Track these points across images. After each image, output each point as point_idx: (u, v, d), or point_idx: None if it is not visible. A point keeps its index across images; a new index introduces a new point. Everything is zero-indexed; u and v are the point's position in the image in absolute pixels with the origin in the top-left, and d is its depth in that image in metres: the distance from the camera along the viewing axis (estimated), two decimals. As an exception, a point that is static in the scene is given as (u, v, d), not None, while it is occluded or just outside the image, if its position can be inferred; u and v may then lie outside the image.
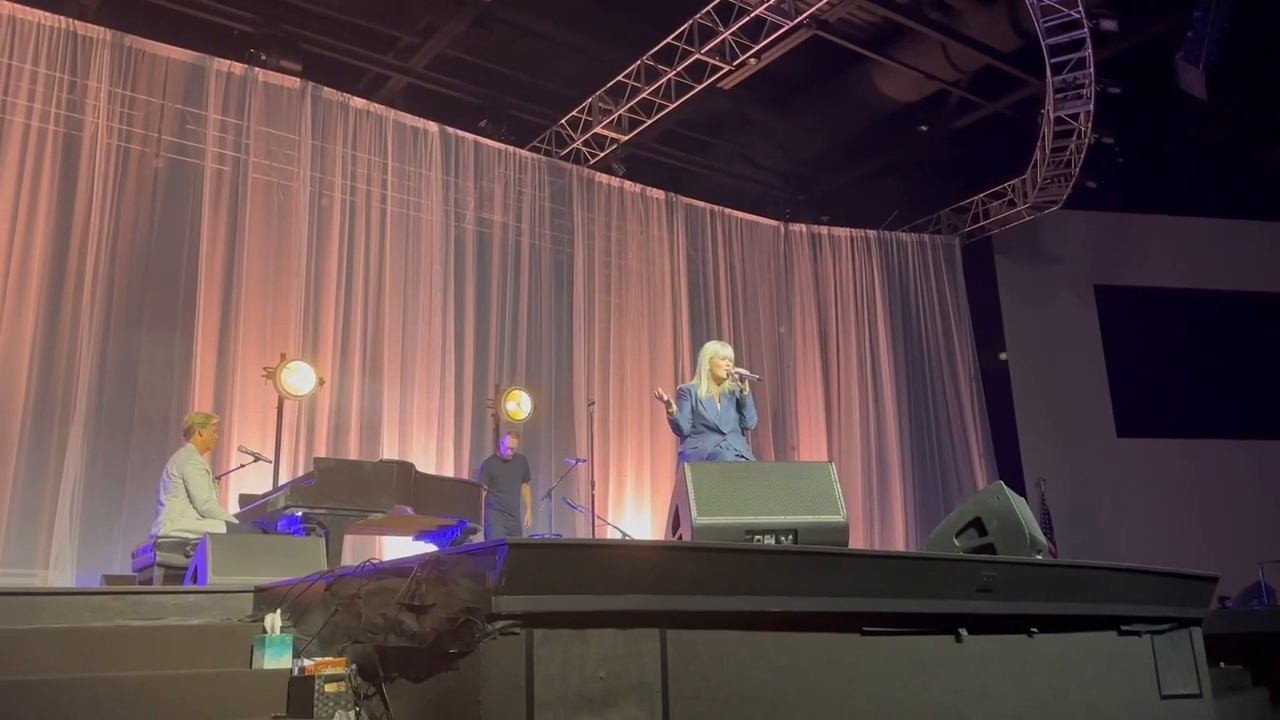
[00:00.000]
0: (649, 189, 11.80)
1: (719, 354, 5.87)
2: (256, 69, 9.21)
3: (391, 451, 9.10)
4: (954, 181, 13.02)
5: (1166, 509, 12.38)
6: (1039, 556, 4.43)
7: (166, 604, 3.94)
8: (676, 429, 5.84)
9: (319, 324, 9.15)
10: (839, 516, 4.36)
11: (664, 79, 9.99)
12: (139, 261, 8.52)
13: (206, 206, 8.75)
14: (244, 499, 7.05)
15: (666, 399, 5.79)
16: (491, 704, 2.82)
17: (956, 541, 4.53)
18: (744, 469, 5.05)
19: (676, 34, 9.66)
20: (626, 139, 10.82)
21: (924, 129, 12.22)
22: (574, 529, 9.64)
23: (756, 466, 5.67)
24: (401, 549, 8.01)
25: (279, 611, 3.72)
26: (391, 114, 10.01)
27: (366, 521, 6.31)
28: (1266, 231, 13.72)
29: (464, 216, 10.34)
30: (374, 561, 3.57)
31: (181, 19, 9.26)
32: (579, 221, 11.09)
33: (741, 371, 5.83)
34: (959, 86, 11.28)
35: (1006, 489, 4.56)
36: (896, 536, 11.85)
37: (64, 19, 8.33)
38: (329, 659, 3.35)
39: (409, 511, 6.38)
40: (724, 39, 9.47)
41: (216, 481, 6.78)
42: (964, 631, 3.78)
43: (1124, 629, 4.38)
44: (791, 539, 4.23)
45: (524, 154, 10.91)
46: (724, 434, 5.72)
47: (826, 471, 4.52)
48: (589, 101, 10.62)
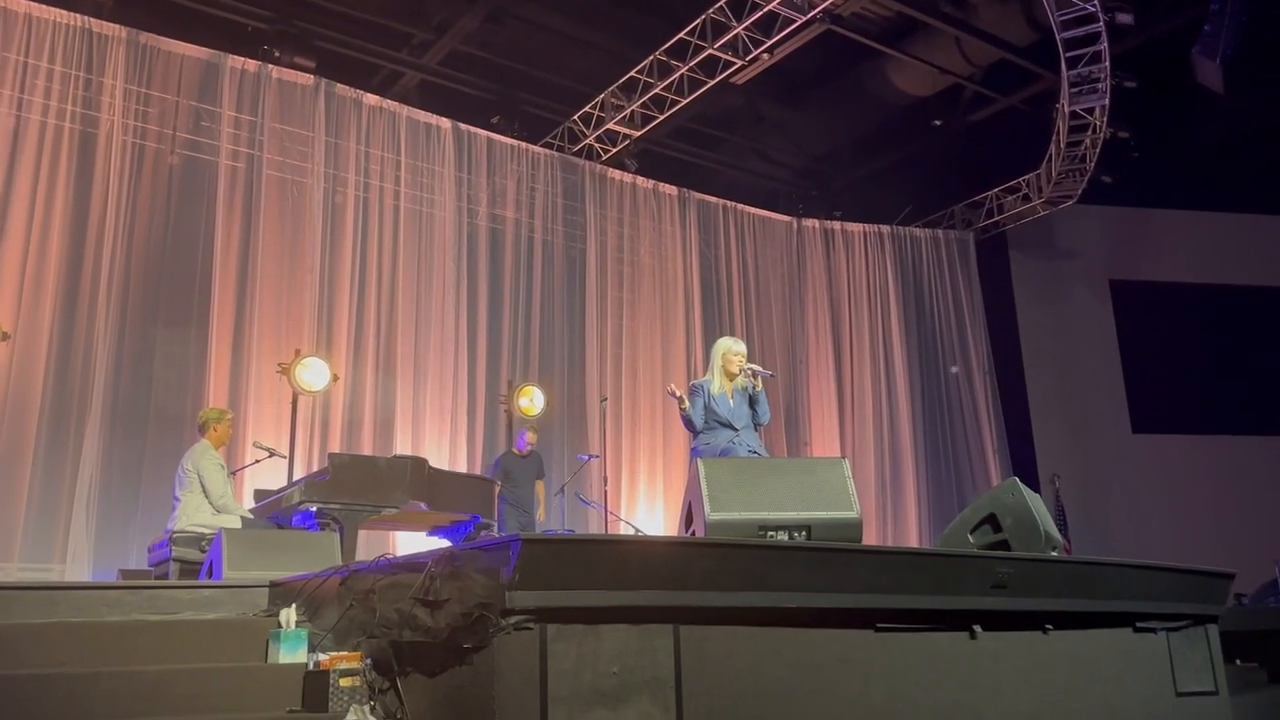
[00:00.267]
0: (661, 185, 11.79)
1: (731, 350, 5.86)
2: (270, 66, 9.24)
3: (405, 447, 9.13)
4: (968, 176, 12.96)
5: (1182, 505, 12.31)
6: (1054, 553, 4.41)
7: (182, 598, 3.97)
8: (689, 425, 5.83)
9: (333, 320, 9.18)
10: (853, 512, 4.35)
11: (676, 74, 9.97)
12: (154, 258, 8.57)
13: (221, 203, 8.79)
14: (259, 494, 7.09)
15: (679, 395, 5.79)
16: (505, 699, 2.83)
17: (971, 538, 4.51)
18: (757, 465, 5.04)
19: (689, 29, 9.64)
20: (639, 134, 10.81)
21: (938, 123, 12.17)
22: (586, 525, 9.66)
23: (770, 462, 5.65)
24: (415, 544, 8.04)
25: (294, 606, 3.74)
26: (405, 110, 10.03)
27: (380, 517, 6.33)
28: (1283, 226, 13.63)
29: (477, 212, 10.35)
30: (388, 557, 3.59)
31: (196, 16, 9.30)
32: (591, 217, 11.09)
33: (754, 367, 5.82)
34: (973, 81, 11.22)
35: (1021, 485, 4.54)
36: (909, 533, 11.82)
37: (80, 17, 8.37)
38: (344, 653, 3.36)
39: (423, 507, 6.40)
40: (737, 34, 9.45)
41: (232, 477, 6.82)
42: (978, 628, 3.77)
43: (1139, 626, 4.35)
44: (805, 535, 4.22)
45: (536, 150, 10.92)
46: (737, 430, 5.72)
47: (840, 467, 4.51)
48: (601, 97, 10.62)
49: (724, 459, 5.35)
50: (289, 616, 3.67)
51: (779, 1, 9.06)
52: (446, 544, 6.85)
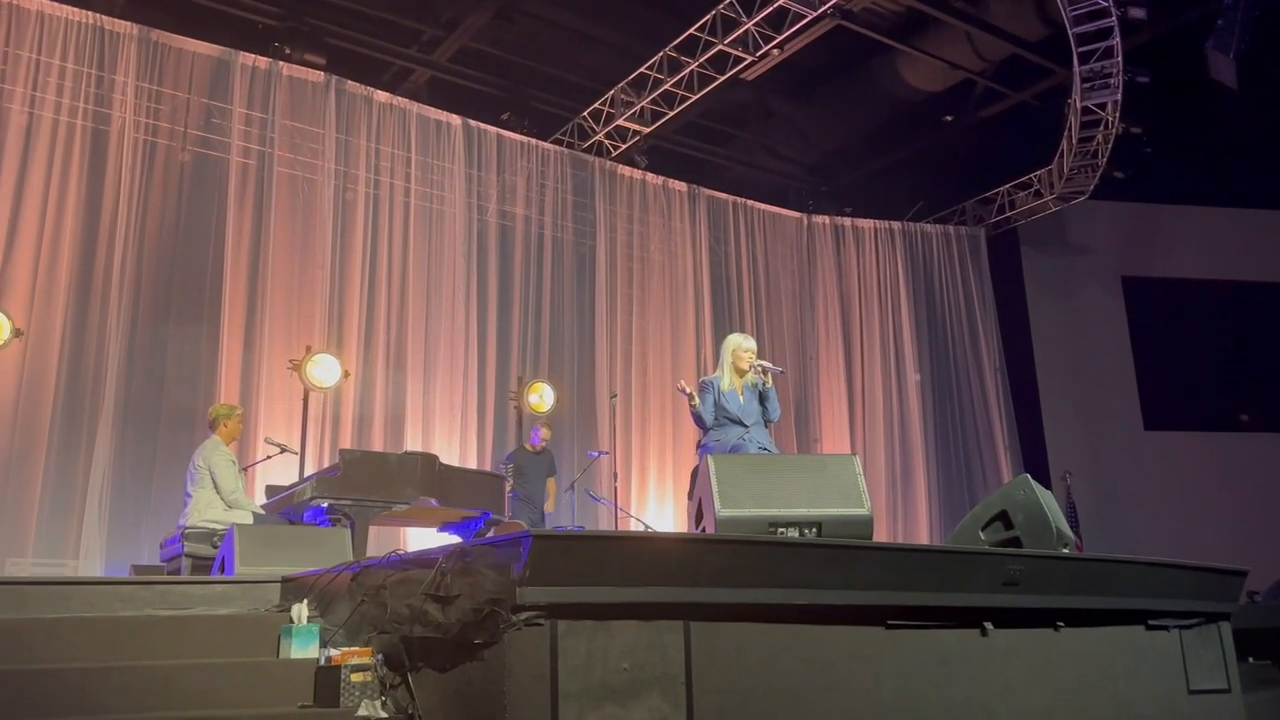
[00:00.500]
0: (671, 181, 11.78)
1: (741, 346, 5.86)
2: (281, 63, 9.26)
3: (415, 443, 9.15)
4: (979, 172, 12.91)
5: (1194, 502, 12.25)
6: (1065, 550, 4.40)
7: (194, 594, 3.98)
8: (699, 421, 5.83)
9: (343, 317, 9.20)
10: (864, 509, 4.34)
11: (686, 70, 9.96)
12: (166, 255, 8.60)
13: (232, 200, 8.81)
14: (270, 490, 7.11)
15: (689, 391, 5.79)
16: (516, 694, 2.84)
17: (982, 535, 4.50)
18: (767, 461, 5.04)
19: (699, 25, 9.63)
20: (649, 131, 10.80)
21: (949, 119, 12.12)
22: (596, 521, 9.67)
23: (780, 459, 5.65)
24: (425, 540, 8.05)
25: (306, 602, 3.75)
26: (415, 107, 10.04)
27: (391, 513, 6.35)
28: (1297, 222, 13.55)
29: (486, 209, 10.36)
30: (399, 552, 3.59)
31: (207, 13, 9.32)
32: (601, 214, 11.09)
33: (764, 364, 5.82)
34: (984, 76, 11.17)
35: (1033, 482, 4.53)
36: (920, 530, 11.80)
37: (91, 14, 8.40)
38: (355, 649, 3.37)
39: (433, 503, 6.41)
40: (747, 29, 9.43)
41: (243, 473, 6.85)
42: (989, 625, 3.76)
43: (1151, 624, 4.34)
44: (815, 532, 4.22)
45: (546, 146, 10.92)
46: (747, 426, 5.72)
47: (851, 464, 4.50)
48: (611, 94, 10.61)
49: (734, 456, 5.35)
50: (301, 612, 3.68)
51: (789, -3, 9.04)
52: (457, 540, 6.87)
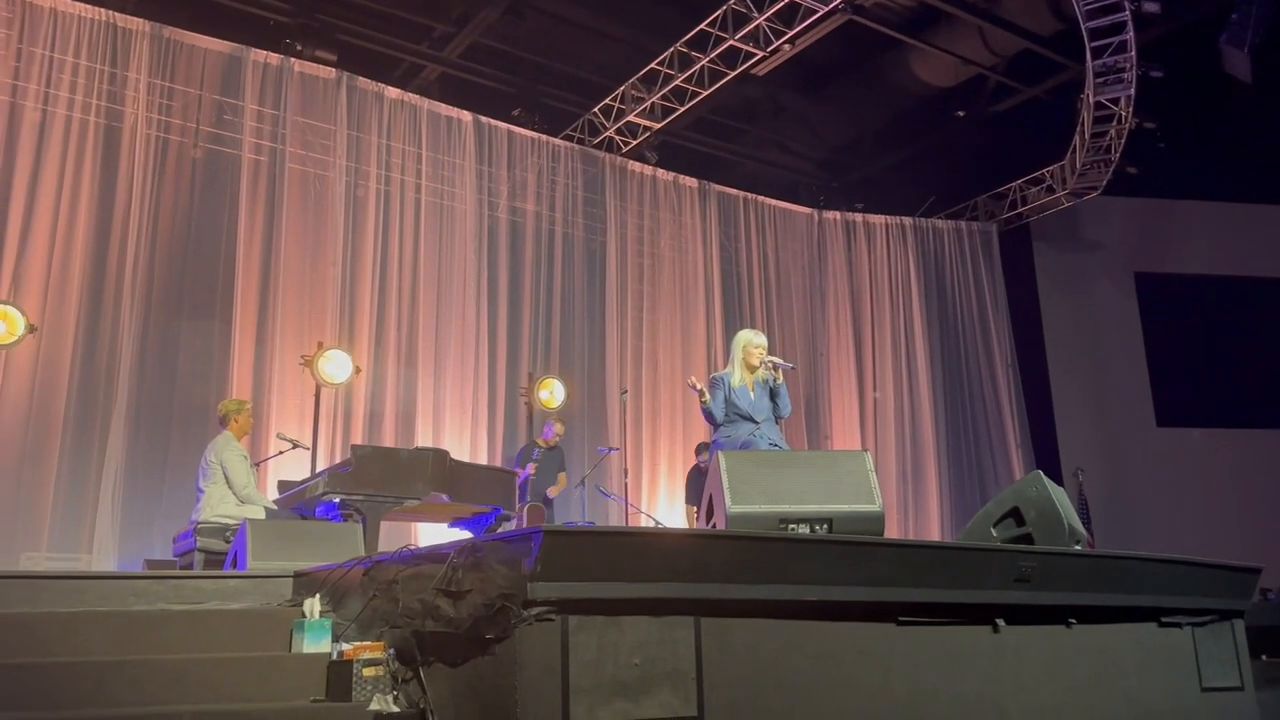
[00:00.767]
0: (682, 177, 11.77)
1: (752, 342, 5.85)
2: (292, 59, 9.28)
3: (426, 439, 9.17)
4: (991, 168, 12.86)
5: (1207, 499, 12.20)
6: (1077, 547, 4.38)
7: (207, 588, 4.00)
8: (709, 417, 5.83)
9: (355, 312, 9.23)
10: (874, 505, 4.34)
11: (697, 66, 9.94)
12: (178, 251, 8.63)
13: (244, 196, 8.84)
14: (282, 485, 7.13)
15: (699, 387, 5.78)
16: (527, 689, 2.84)
17: (994, 531, 4.49)
18: (778, 458, 5.03)
19: (710, 20, 9.61)
20: (659, 126, 10.79)
21: (961, 114, 12.07)
22: (606, 517, 9.67)
23: (791, 455, 5.65)
24: (437, 536, 8.07)
25: (318, 596, 3.76)
26: (426, 103, 10.05)
27: (403, 508, 6.36)
28: (1312, 217, 13.45)
29: (497, 205, 10.37)
30: (410, 548, 3.60)
31: (218, 10, 9.35)
32: (612, 210, 11.09)
33: (775, 360, 5.81)
34: (997, 71, 11.13)
35: (1045, 478, 4.52)
36: (931, 526, 11.77)
37: (104, 11, 8.44)
38: (367, 643, 3.38)
39: (444, 498, 6.42)
40: (758, 25, 9.40)
41: (255, 468, 6.87)
42: (1001, 622, 3.75)
43: (1164, 620, 4.32)
44: (826, 528, 4.22)
45: (557, 142, 10.92)
46: (758, 422, 5.71)
47: (862, 460, 4.50)
48: (622, 89, 10.60)
49: (745, 452, 5.34)
50: (313, 606, 3.69)
51: (800, -8, 9.02)
52: (468, 535, 6.89)
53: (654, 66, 10.22)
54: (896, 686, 3.47)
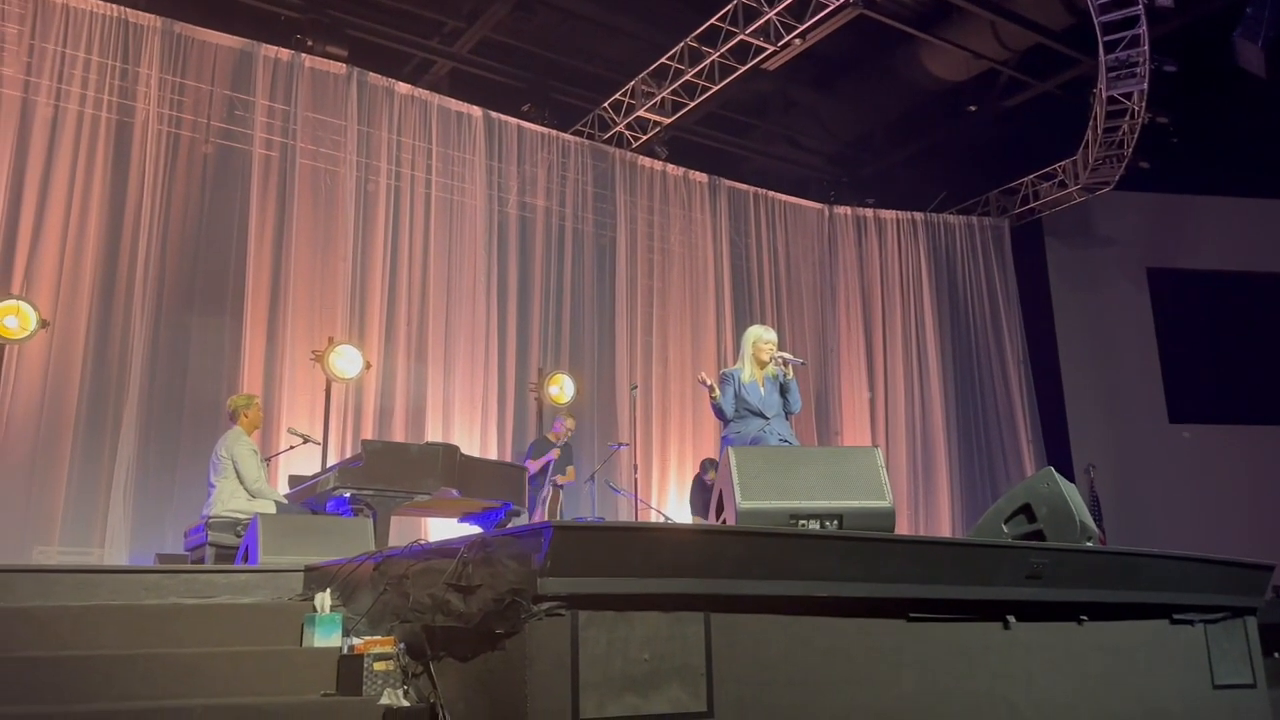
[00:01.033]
0: (692, 172, 11.75)
1: (762, 338, 5.84)
2: (303, 55, 9.29)
3: (436, 434, 9.18)
4: (1003, 163, 12.81)
5: (1219, 496, 12.14)
6: (1089, 543, 4.37)
7: (219, 582, 4.02)
8: (719, 413, 5.82)
9: (365, 308, 9.24)
10: (885, 501, 4.32)
11: (707, 60, 9.91)
12: (189, 246, 8.66)
13: (255, 192, 8.86)
14: (293, 480, 7.15)
15: (709, 383, 5.78)
16: (537, 684, 2.85)
17: (1005, 528, 4.48)
18: (788, 453, 5.02)
19: (720, 15, 9.58)
20: (669, 122, 10.77)
21: (972, 109, 12.02)
22: (616, 513, 9.68)
23: (801, 451, 5.63)
24: (446, 531, 8.09)
25: (329, 591, 3.77)
26: (436, 99, 10.06)
27: (413, 503, 6.37)
28: (1326, 213, 13.36)
29: (507, 201, 10.37)
30: (421, 542, 3.61)
31: (229, 6, 9.36)
32: (621, 205, 11.08)
33: (785, 355, 5.79)
34: (1009, 65, 11.07)
35: (1057, 475, 4.50)
36: (942, 522, 11.75)
37: (115, 6, 8.46)
38: (378, 638, 3.39)
39: (454, 493, 6.43)
40: (768, 19, 9.37)
41: (266, 463, 6.89)
42: (1012, 618, 3.74)
43: (1176, 618, 4.31)
44: (836, 524, 4.20)
45: (567, 138, 10.91)
46: (768, 418, 5.70)
47: (872, 456, 4.48)
48: (632, 84, 10.59)
49: (755, 448, 5.33)
50: (324, 601, 3.70)
51: (811, -14, 8.99)
52: (478, 530, 6.90)
53: (664, 61, 10.20)
54: (907, 683, 3.47)
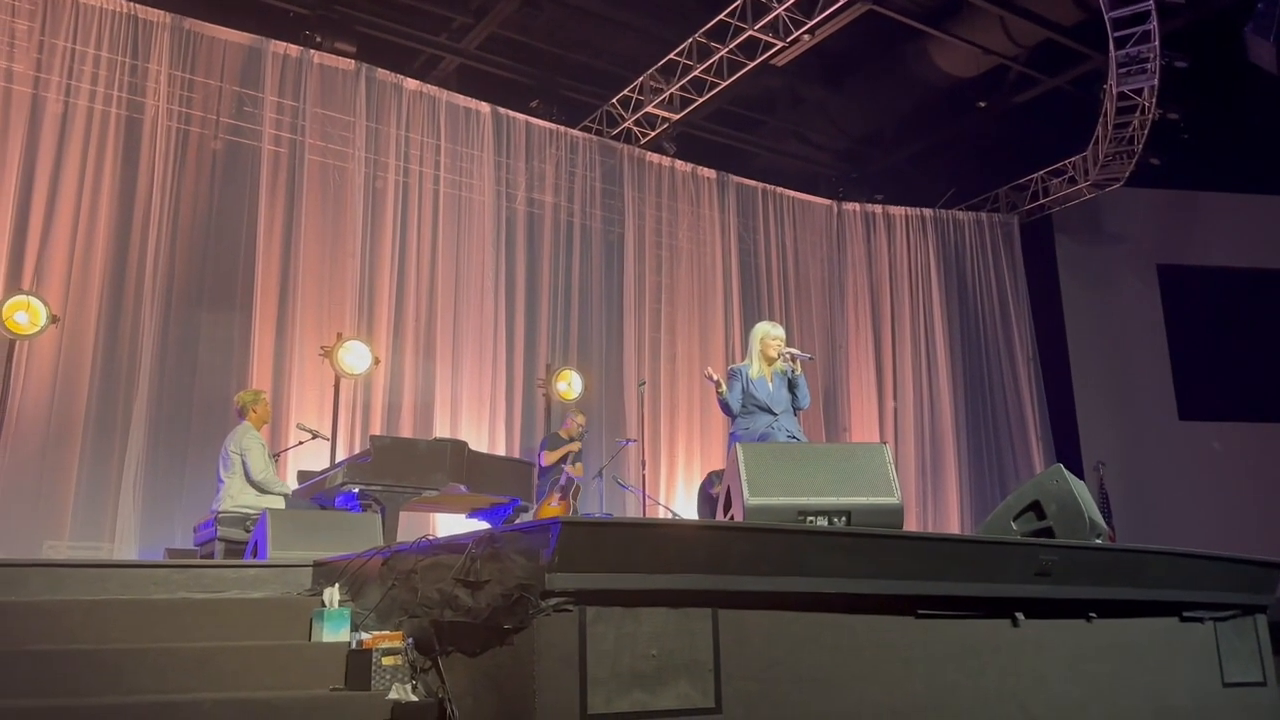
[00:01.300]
0: (700, 168, 11.74)
1: (770, 334, 5.84)
2: (312, 51, 9.30)
3: (444, 430, 9.20)
4: (1013, 159, 12.76)
5: (1230, 493, 12.09)
6: (1098, 541, 4.36)
7: (228, 577, 4.03)
8: (726, 409, 5.82)
9: (374, 304, 9.26)
10: (893, 498, 4.31)
11: (716, 56, 9.89)
12: (199, 242, 8.68)
13: (264, 188, 8.87)
14: (302, 475, 7.17)
15: (716, 379, 5.77)
16: (545, 679, 2.85)
17: (1014, 525, 4.47)
18: (796, 450, 5.01)
19: (729, 10, 9.56)
20: (678, 118, 10.75)
21: (982, 105, 11.98)
22: (624, 509, 9.68)
23: (809, 447, 5.62)
24: (454, 526, 8.10)
25: (337, 586, 3.78)
26: (444, 95, 10.06)
27: (421, 499, 6.38)
28: (1338, 209, 13.29)
29: (515, 197, 10.37)
30: (429, 538, 3.62)
31: (238, 2, 9.37)
32: (630, 201, 11.07)
33: (793, 351, 5.79)
34: (1018, 61, 11.03)
35: (1066, 472, 4.49)
36: (950, 519, 11.72)
37: (125, 3, 8.47)
38: (386, 633, 3.40)
39: (462, 489, 6.44)
40: (777, 15, 9.34)
41: (275, 459, 6.91)
42: (1021, 616, 3.73)
43: (1186, 615, 4.29)
44: (845, 521, 4.20)
45: (575, 134, 10.91)
46: (776, 414, 5.69)
47: (881, 453, 4.47)
48: (640, 80, 10.57)
49: (763, 444, 5.33)
50: (332, 596, 3.71)
51: (820, -18, 8.96)
52: (486, 526, 6.90)
53: (672, 57, 10.18)
54: (915, 680, 3.46)
